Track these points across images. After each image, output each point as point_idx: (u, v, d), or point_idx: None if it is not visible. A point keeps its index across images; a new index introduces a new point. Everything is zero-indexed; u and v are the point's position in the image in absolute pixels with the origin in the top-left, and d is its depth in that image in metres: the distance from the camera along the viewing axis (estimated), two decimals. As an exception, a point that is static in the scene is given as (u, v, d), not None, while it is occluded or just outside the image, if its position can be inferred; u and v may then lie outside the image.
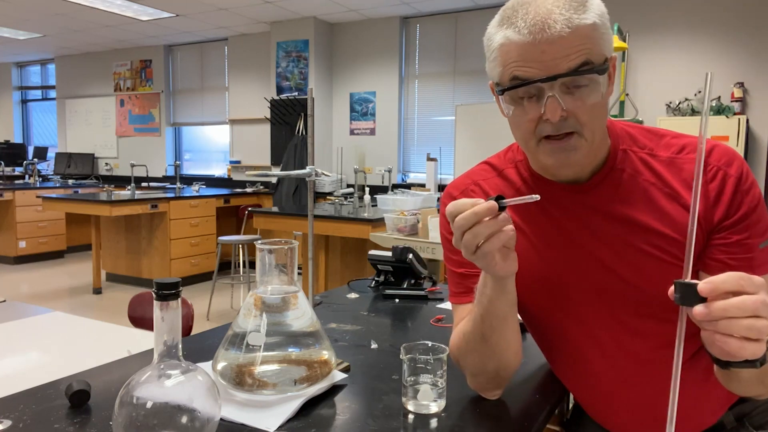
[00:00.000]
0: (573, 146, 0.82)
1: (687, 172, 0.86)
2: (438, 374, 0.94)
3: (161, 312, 0.73)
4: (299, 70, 6.20)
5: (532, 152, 0.87)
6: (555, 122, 0.79)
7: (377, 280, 1.86)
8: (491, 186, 1.00)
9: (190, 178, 7.38)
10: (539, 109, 0.80)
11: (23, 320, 1.68)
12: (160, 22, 6.36)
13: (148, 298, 1.89)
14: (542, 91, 0.79)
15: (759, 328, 0.60)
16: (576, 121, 0.80)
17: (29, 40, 7.44)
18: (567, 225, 0.92)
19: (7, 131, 9.36)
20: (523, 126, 0.83)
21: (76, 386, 0.93)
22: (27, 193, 6.56)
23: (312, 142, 1.33)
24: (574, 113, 0.79)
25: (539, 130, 0.82)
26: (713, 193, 0.83)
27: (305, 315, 1.00)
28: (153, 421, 0.71)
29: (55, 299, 5.15)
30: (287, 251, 0.97)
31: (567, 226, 0.92)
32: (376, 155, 6.20)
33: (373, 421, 0.90)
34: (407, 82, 6.14)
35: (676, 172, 0.86)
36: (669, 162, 0.88)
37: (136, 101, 7.84)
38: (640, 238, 0.86)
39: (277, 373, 0.94)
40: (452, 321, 1.05)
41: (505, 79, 0.81)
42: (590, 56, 0.77)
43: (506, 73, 0.81)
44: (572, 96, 0.79)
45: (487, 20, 0.91)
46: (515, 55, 0.79)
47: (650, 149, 0.90)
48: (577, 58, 0.76)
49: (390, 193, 4.42)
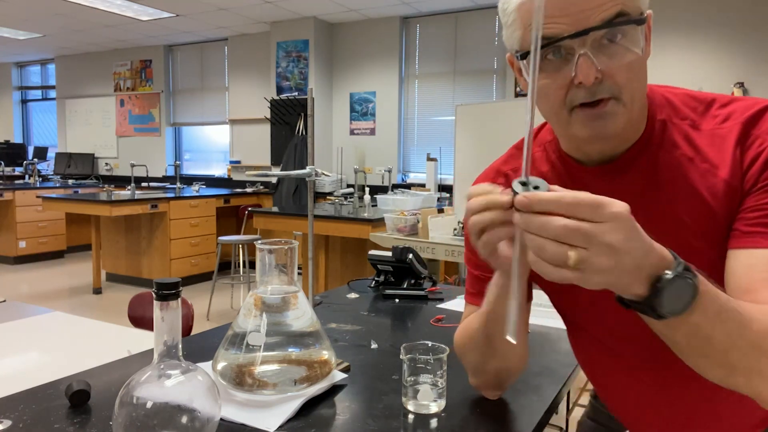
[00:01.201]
0: (611, 113, 0.71)
1: (729, 145, 0.74)
2: (438, 374, 0.93)
3: (161, 312, 0.73)
4: (299, 70, 6.20)
5: (564, 125, 0.75)
6: (589, 85, 0.69)
7: (377, 280, 1.86)
8: (518, 174, 0.90)
9: (190, 178, 7.38)
10: (569, 72, 0.69)
11: (23, 320, 1.68)
12: (160, 22, 6.36)
13: (148, 298, 1.89)
14: (572, 51, 0.68)
15: (553, 253, 0.54)
16: (613, 83, 0.69)
17: (29, 40, 7.43)
18: None
19: (7, 131, 9.36)
20: (552, 95, 0.72)
21: (76, 386, 0.93)
22: (27, 193, 6.56)
23: (312, 142, 1.33)
24: (610, 74, 0.69)
25: (570, 99, 0.71)
26: (747, 161, 0.73)
27: (305, 315, 1.00)
28: (153, 421, 0.71)
29: (55, 299, 5.15)
30: (287, 251, 0.97)
31: None
32: (376, 155, 6.20)
33: (373, 421, 0.90)
34: (407, 82, 6.14)
35: (717, 144, 0.75)
36: (711, 134, 0.76)
37: (136, 101, 7.84)
38: (674, 226, 0.75)
39: (277, 373, 0.94)
40: (452, 320, 1.05)
41: (527, 43, 0.70)
42: (625, 6, 0.67)
43: (528, 35, 0.70)
44: (607, 54, 0.68)
45: (487, 20, 0.88)
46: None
47: (692, 121, 0.77)
48: (611, 8, 0.66)
49: (390, 193, 4.42)
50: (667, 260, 0.58)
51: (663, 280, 0.57)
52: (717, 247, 0.74)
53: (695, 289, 0.58)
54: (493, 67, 5.61)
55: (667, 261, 0.58)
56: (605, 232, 0.53)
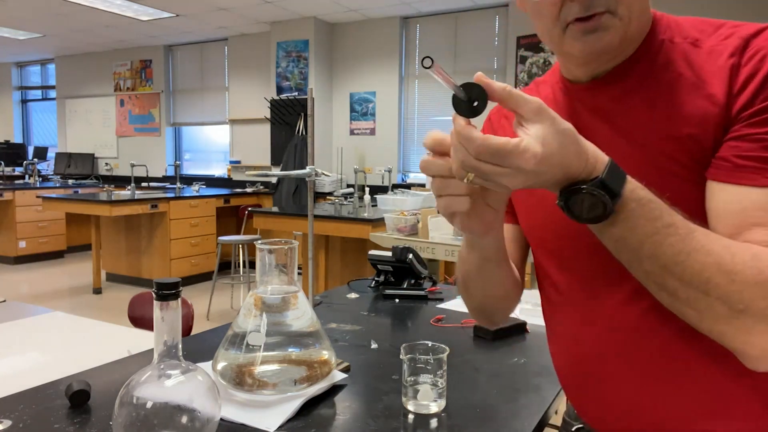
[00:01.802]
0: (605, 26, 0.68)
1: (724, 58, 0.67)
2: (438, 374, 0.93)
3: (161, 312, 0.73)
4: (299, 70, 6.20)
5: (557, 43, 0.73)
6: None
7: (377, 280, 1.86)
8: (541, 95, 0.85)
9: (190, 178, 7.38)
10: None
11: (23, 320, 1.68)
12: (160, 22, 6.36)
13: (148, 298, 1.89)
14: None
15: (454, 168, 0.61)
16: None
17: (29, 40, 7.43)
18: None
19: (7, 131, 9.36)
20: (546, 12, 0.71)
21: (76, 386, 0.93)
22: (27, 193, 6.56)
23: (312, 142, 1.33)
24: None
25: (564, 14, 0.69)
26: (742, 78, 0.65)
27: (305, 315, 1.00)
28: (153, 421, 0.71)
29: (55, 299, 5.15)
30: (287, 251, 0.97)
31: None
32: (376, 155, 6.20)
33: (373, 421, 0.90)
34: (407, 82, 6.14)
35: (713, 60, 0.69)
36: (710, 51, 0.69)
37: (136, 101, 7.84)
38: (656, 148, 0.70)
39: (277, 373, 0.94)
40: (452, 320, 1.05)
41: None
42: None
43: None
44: None
45: (488, 20, 0.88)
46: None
47: (695, 40, 0.71)
48: None
49: (390, 193, 4.42)
50: (588, 171, 0.60)
51: (569, 191, 0.60)
52: (696, 174, 0.68)
53: (605, 207, 0.59)
54: (493, 67, 5.61)
55: (588, 172, 0.60)
56: (504, 175, 0.58)
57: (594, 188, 0.59)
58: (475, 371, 1.12)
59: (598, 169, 0.60)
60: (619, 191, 0.59)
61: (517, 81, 5.41)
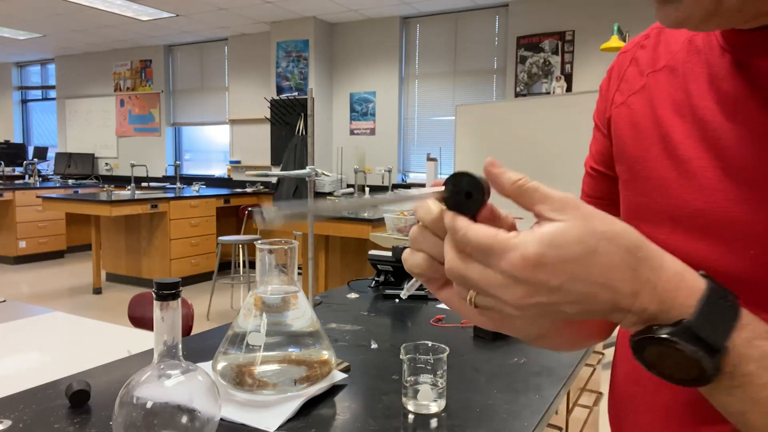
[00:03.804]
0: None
1: None
2: (438, 374, 0.94)
3: (161, 312, 0.73)
4: (299, 70, 6.20)
5: None
6: None
7: (377, 280, 1.86)
8: (673, 37, 0.58)
9: (190, 178, 7.38)
10: None
11: (23, 320, 1.68)
12: (160, 22, 6.36)
13: (148, 298, 1.89)
14: None
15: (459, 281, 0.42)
16: None
17: (29, 40, 7.44)
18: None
19: (7, 131, 9.36)
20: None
21: (76, 386, 0.93)
22: (27, 193, 6.57)
23: (312, 142, 1.33)
24: None
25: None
26: None
27: (305, 315, 1.00)
28: (153, 421, 0.71)
29: (55, 299, 5.15)
30: (287, 251, 0.97)
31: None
32: (376, 155, 6.20)
33: (373, 421, 0.90)
34: (407, 82, 6.14)
35: None
36: None
37: (136, 101, 7.84)
38: None
39: (277, 373, 0.94)
40: (452, 320, 1.05)
41: None
42: None
43: None
44: None
45: (488, 20, 0.86)
46: None
47: None
48: None
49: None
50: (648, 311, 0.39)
51: (638, 337, 0.40)
52: None
53: (700, 369, 0.38)
54: (493, 67, 5.61)
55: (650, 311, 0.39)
56: (497, 287, 0.39)
57: (676, 338, 0.38)
58: (475, 371, 1.12)
59: (684, 304, 0.39)
60: (721, 344, 0.38)
61: (517, 81, 5.41)
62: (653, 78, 0.58)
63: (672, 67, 0.57)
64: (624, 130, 0.60)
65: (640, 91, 0.59)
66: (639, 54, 0.61)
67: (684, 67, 0.55)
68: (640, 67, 0.61)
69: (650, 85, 0.58)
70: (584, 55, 5.12)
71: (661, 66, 0.58)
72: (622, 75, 0.63)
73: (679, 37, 0.58)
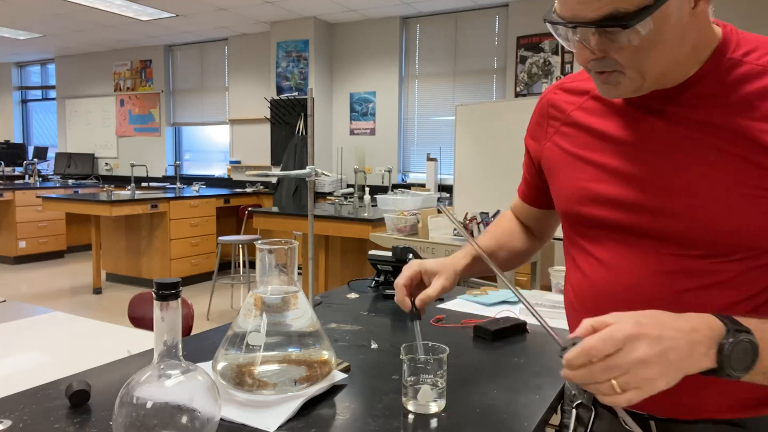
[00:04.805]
0: (615, 82, 0.75)
1: None
2: (438, 374, 0.93)
3: (161, 312, 0.73)
4: (299, 70, 6.20)
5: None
6: (590, 62, 0.74)
7: (377, 280, 1.86)
8: (576, 88, 0.91)
9: (190, 178, 7.38)
10: (573, 45, 0.75)
11: (23, 320, 1.68)
12: (160, 22, 6.36)
13: (148, 298, 1.89)
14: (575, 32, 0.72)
15: (604, 389, 0.63)
16: (614, 61, 0.72)
17: (29, 40, 7.43)
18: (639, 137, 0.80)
19: (7, 131, 9.36)
20: (577, 57, 0.77)
21: (76, 386, 0.93)
22: (27, 193, 6.57)
23: (312, 142, 1.33)
24: (610, 53, 0.72)
25: (576, 57, 0.76)
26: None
27: (305, 315, 1.00)
28: (153, 421, 0.71)
29: (55, 299, 5.15)
30: (287, 251, 0.97)
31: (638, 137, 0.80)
32: (376, 155, 6.20)
33: (373, 421, 0.90)
34: (407, 82, 6.14)
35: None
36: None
37: (136, 101, 7.84)
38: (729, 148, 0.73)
39: (277, 373, 0.94)
40: (452, 320, 1.05)
41: (554, 6, 0.75)
42: (618, 7, 0.66)
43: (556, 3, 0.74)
44: (608, 38, 0.70)
45: (488, 20, 0.89)
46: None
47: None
48: (599, 10, 0.67)
49: (390, 193, 4.42)
50: (715, 327, 0.64)
51: (725, 348, 0.63)
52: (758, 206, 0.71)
53: (755, 345, 0.64)
54: (493, 67, 5.61)
55: (717, 328, 0.64)
56: (628, 354, 0.62)
57: (737, 332, 0.64)
58: (475, 371, 1.12)
59: (711, 323, 0.65)
60: (745, 325, 0.66)
61: (517, 81, 5.41)
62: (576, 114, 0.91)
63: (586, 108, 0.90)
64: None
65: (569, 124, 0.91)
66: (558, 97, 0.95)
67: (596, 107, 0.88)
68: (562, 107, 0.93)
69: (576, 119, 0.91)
70: (584, 55, 5.11)
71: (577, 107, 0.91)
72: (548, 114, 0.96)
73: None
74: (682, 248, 0.76)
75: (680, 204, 0.75)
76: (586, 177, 0.85)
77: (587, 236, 0.87)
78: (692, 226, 0.75)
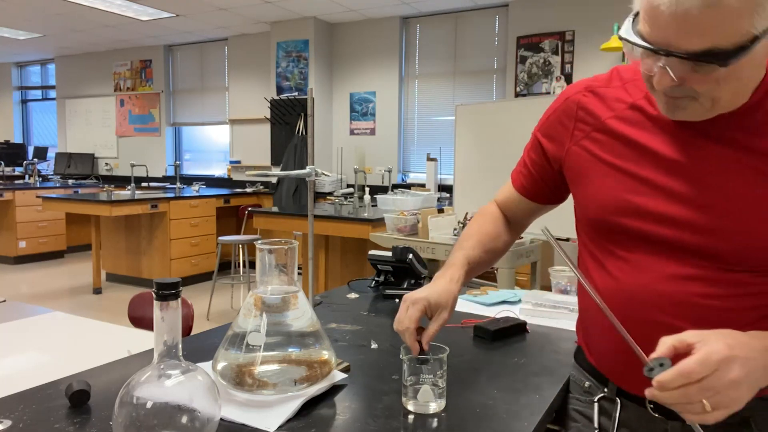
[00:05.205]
0: (684, 106, 0.75)
1: None
2: (438, 374, 0.93)
3: (161, 312, 0.73)
4: (299, 70, 6.20)
5: (650, 91, 0.80)
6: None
7: (377, 280, 1.86)
8: (609, 95, 0.90)
9: (190, 178, 7.38)
10: (653, 67, 0.73)
11: (23, 320, 1.68)
12: (160, 22, 6.36)
13: (148, 298, 1.89)
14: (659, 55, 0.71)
15: (695, 410, 0.67)
16: (690, 89, 0.73)
17: (29, 40, 7.43)
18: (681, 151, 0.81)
19: (7, 131, 9.36)
20: (643, 68, 0.76)
21: (76, 386, 0.93)
22: (27, 193, 6.57)
23: (312, 142, 1.33)
24: (689, 82, 0.72)
25: (655, 81, 0.74)
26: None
27: (305, 315, 1.00)
28: (153, 421, 0.71)
29: (55, 299, 5.15)
30: (287, 251, 0.97)
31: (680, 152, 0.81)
32: (376, 155, 6.20)
33: (373, 421, 0.90)
34: (407, 82, 6.14)
35: None
36: None
37: (136, 101, 7.84)
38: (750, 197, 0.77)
39: (277, 373, 0.94)
40: (452, 320, 1.05)
41: (638, 22, 0.73)
42: (716, 44, 0.66)
43: (639, 17, 0.72)
44: (694, 69, 0.70)
45: (488, 20, 0.88)
46: (647, 4, 0.70)
47: None
48: (697, 44, 0.67)
49: (390, 193, 4.42)
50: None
51: None
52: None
53: None
54: (493, 67, 5.61)
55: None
56: (723, 375, 0.66)
57: None
58: (475, 371, 1.12)
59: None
60: None
61: (517, 81, 5.41)
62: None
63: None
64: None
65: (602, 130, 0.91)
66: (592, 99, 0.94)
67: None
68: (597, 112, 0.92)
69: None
70: (584, 55, 5.12)
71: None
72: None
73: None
74: (725, 264, 0.79)
75: (730, 226, 0.78)
76: (624, 188, 0.85)
77: (620, 243, 0.88)
78: (741, 248, 0.78)
